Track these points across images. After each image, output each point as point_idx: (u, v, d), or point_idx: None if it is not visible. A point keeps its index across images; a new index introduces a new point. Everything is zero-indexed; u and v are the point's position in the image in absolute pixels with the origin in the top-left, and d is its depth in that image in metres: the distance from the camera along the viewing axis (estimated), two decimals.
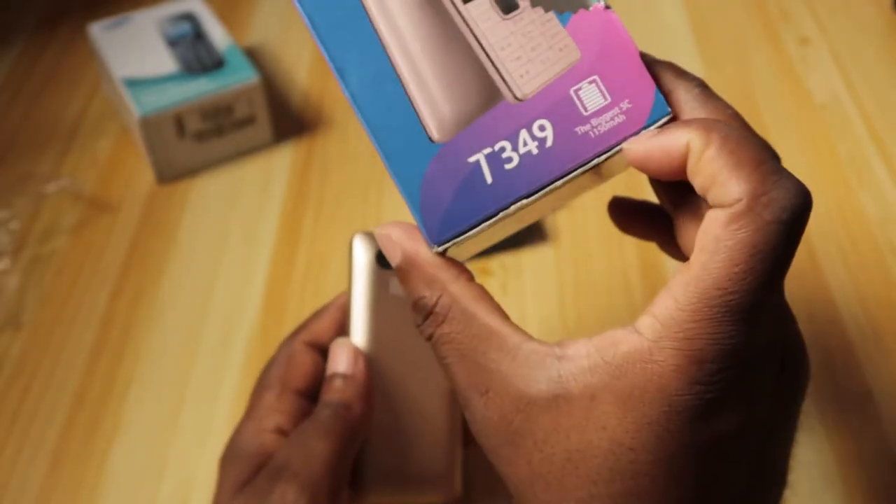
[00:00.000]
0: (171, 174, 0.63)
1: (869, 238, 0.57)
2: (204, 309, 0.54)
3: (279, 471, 0.34)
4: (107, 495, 0.46)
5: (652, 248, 0.57)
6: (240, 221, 0.60)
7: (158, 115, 0.60)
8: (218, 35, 0.65)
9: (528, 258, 0.57)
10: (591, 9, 0.29)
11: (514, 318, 0.54)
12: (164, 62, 0.63)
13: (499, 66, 0.29)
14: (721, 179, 0.25)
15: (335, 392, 0.37)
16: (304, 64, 0.72)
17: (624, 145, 0.28)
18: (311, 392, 0.39)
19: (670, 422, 0.24)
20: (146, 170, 0.63)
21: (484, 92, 0.29)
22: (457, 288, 0.28)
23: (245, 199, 0.61)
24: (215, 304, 0.55)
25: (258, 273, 0.56)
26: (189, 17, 0.66)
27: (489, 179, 0.28)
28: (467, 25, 0.29)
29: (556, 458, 0.25)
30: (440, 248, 0.28)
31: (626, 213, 0.29)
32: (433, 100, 0.29)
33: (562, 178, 0.28)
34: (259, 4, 0.79)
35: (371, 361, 0.38)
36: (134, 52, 0.64)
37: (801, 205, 0.25)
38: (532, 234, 0.58)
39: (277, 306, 0.54)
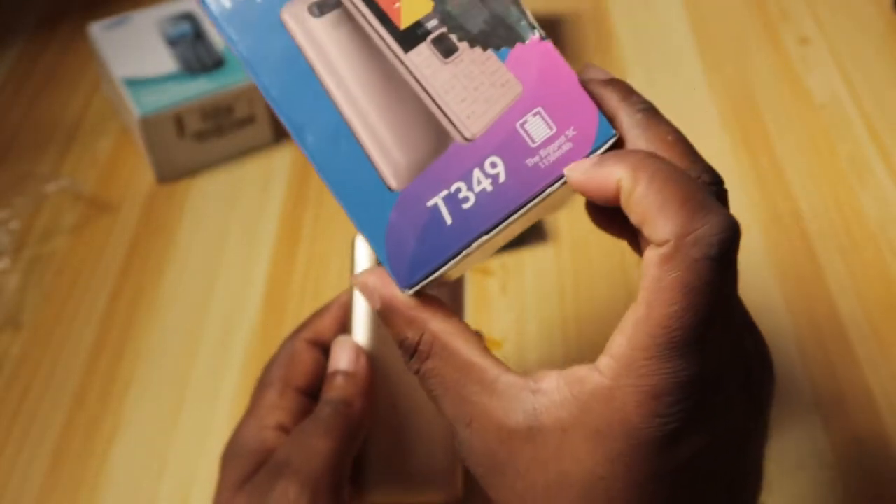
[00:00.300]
0: (171, 174, 0.63)
1: (869, 238, 0.57)
2: (204, 309, 0.54)
3: (280, 468, 0.35)
4: (107, 495, 0.46)
5: None
6: (240, 221, 0.60)
7: (158, 114, 0.60)
8: (218, 35, 0.65)
9: (528, 258, 0.57)
10: (527, 42, 0.30)
11: (513, 318, 0.54)
12: (164, 62, 0.63)
13: (445, 109, 0.30)
14: (650, 219, 0.26)
15: (336, 390, 0.37)
16: None
17: (565, 171, 0.29)
18: (313, 390, 0.39)
19: (637, 453, 0.26)
20: (146, 170, 0.63)
21: (435, 137, 0.30)
22: (436, 325, 0.29)
23: (245, 199, 0.61)
24: (215, 304, 0.55)
25: (258, 273, 0.56)
26: (189, 17, 0.66)
27: (449, 220, 0.29)
28: (411, 74, 0.30)
29: (538, 487, 0.27)
30: (411, 291, 0.29)
31: (600, 210, 0.30)
32: (387, 150, 0.29)
33: (517, 211, 0.29)
34: None
35: (372, 360, 0.38)
36: (134, 52, 0.64)
37: (728, 238, 0.26)
38: (532, 234, 0.58)
39: (277, 306, 0.54)
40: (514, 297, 0.54)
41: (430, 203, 0.29)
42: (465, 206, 0.29)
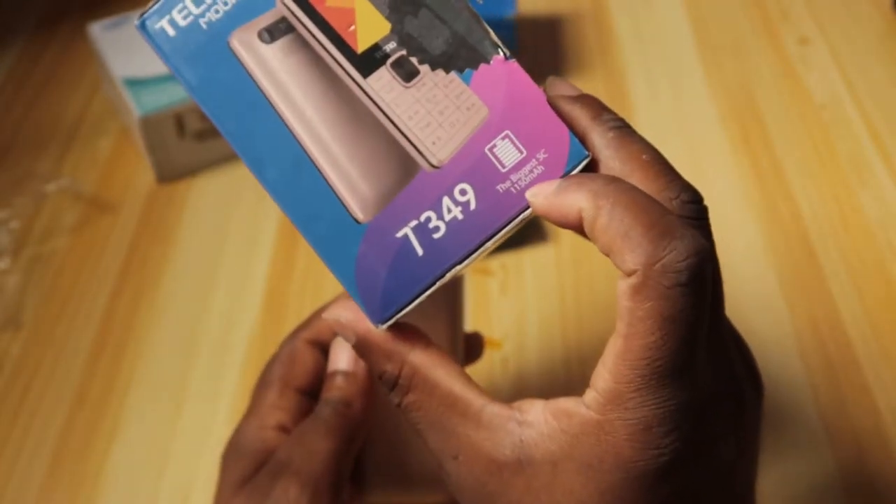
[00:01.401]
0: (171, 174, 0.63)
1: (869, 238, 0.57)
2: (204, 309, 0.54)
3: (280, 468, 0.35)
4: (107, 495, 0.46)
5: None
6: (240, 221, 0.60)
7: (158, 114, 0.60)
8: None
9: (528, 258, 0.57)
10: (491, 62, 0.28)
11: (514, 318, 0.54)
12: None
13: (410, 136, 0.28)
14: (615, 249, 0.25)
15: (336, 390, 0.37)
16: None
17: (527, 195, 0.27)
18: (314, 390, 0.39)
19: (630, 486, 0.25)
20: (146, 170, 0.63)
21: (401, 165, 0.28)
22: (415, 357, 0.28)
23: (245, 199, 0.61)
24: (215, 304, 0.55)
25: (258, 273, 0.56)
26: None
27: (420, 251, 0.28)
28: (371, 100, 0.28)
29: None
30: (384, 326, 0.28)
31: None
32: (352, 182, 0.28)
33: (489, 240, 0.28)
34: None
35: None
36: (134, 52, 0.64)
37: (697, 262, 0.25)
38: (532, 234, 0.58)
39: (277, 306, 0.54)
40: (514, 297, 0.54)
41: (399, 234, 0.28)
42: (436, 235, 0.28)
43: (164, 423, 0.49)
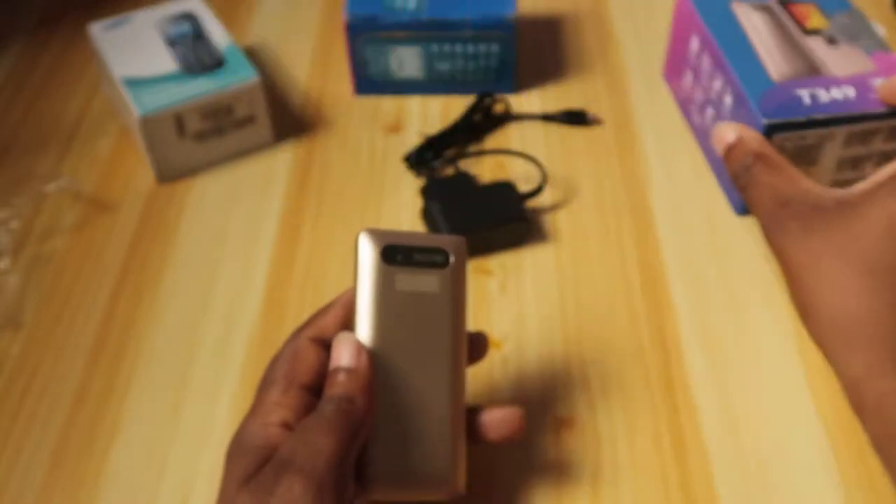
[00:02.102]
0: (171, 174, 0.63)
1: None
2: (204, 309, 0.54)
3: (284, 465, 0.35)
4: (107, 495, 0.46)
5: (652, 247, 0.57)
6: (240, 221, 0.60)
7: (158, 114, 0.60)
8: (218, 35, 0.65)
9: (528, 258, 0.57)
10: (883, 51, 0.53)
11: (513, 318, 0.54)
12: (164, 62, 0.63)
13: (822, 67, 0.52)
14: None
15: (339, 386, 0.37)
16: (304, 64, 0.72)
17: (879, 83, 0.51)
18: (317, 387, 0.39)
19: None
20: (146, 170, 0.63)
21: (809, 68, 0.52)
22: (764, 149, 0.44)
23: (245, 199, 0.61)
24: (215, 304, 0.55)
25: (258, 273, 0.56)
26: (189, 17, 0.66)
27: (808, 102, 0.50)
28: (807, 46, 0.54)
29: (843, 243, 0.38)
30: (766, 121, 0.49)
31: None
32: (777, 64, 0.52)
33: (857, 118, 0.49)
34: (259, 4, 0.79)
35: (376, 357, 0.38)
36: (134, 52, 0.64)
37: None
38: (532, 234, 0.58)
39: (277, 306, 0.54)
40: (514, 297, 0.54)
41: (796, 92, 0.50)
42: (821, 99, 0.50)
43: (164, 423, 0.49)
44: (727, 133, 0.45)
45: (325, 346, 0.40)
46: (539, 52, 0.72)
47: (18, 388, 0.51)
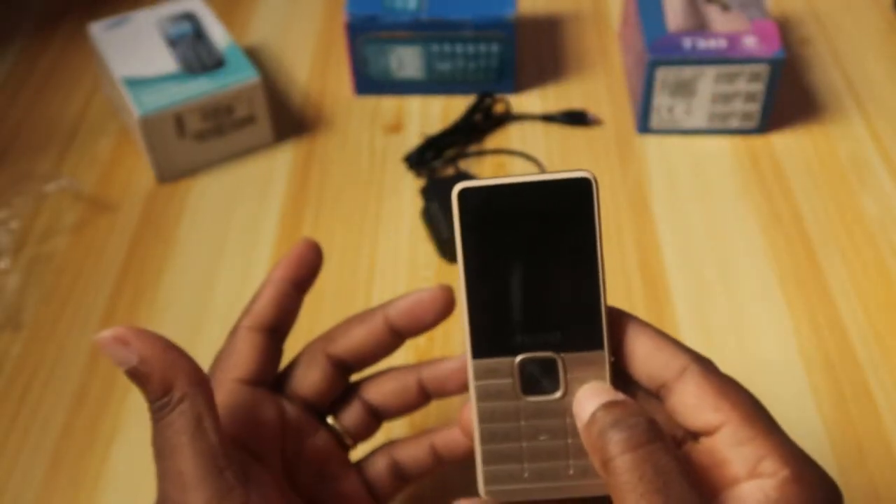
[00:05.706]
0: (171, 174, 0.63)
1: (869, 238, 0.57)
2: (204, 309, 0.54)
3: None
4: (107, 495, 0.46)
5: (652, 248, 0.57)
6: (240, 221, 0.60)
7: (158, 114, 0.60)
8: (218, 35, 0.65)
9: None
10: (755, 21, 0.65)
11: None
12: (164, 62, 0.63)
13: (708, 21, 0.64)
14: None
15: (168, 410, 0.37)
16: (304, 64, 0.72)
17: None
18: (255, 378, 0.39)
19: None
20: (146, 170, 0.63)
21: (698, 24, 0.62)
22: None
23: (245, 199, 0.61)
24: (215, 304, 0.55)
25: (258, 273, 0.56)
26: (189, 17, 0.66)
27: (687, 47, 0.61)
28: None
29: None
30: (652, 57, 0.60)
31: None
32: (676, 19, 0.60)
33: (723, 60, 0.61)
34: (259, 4, 0.79)
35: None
36: (134, 51, 0.64)
37: None
38: None
39: None
40: None
41: (682, 40, 0.62)
42: (699, 46, 0.61)
43: None
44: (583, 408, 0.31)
45: (266, 331, 0.40)
46: (539, 52, 0.72)
47: (18, 388, 0.51)
